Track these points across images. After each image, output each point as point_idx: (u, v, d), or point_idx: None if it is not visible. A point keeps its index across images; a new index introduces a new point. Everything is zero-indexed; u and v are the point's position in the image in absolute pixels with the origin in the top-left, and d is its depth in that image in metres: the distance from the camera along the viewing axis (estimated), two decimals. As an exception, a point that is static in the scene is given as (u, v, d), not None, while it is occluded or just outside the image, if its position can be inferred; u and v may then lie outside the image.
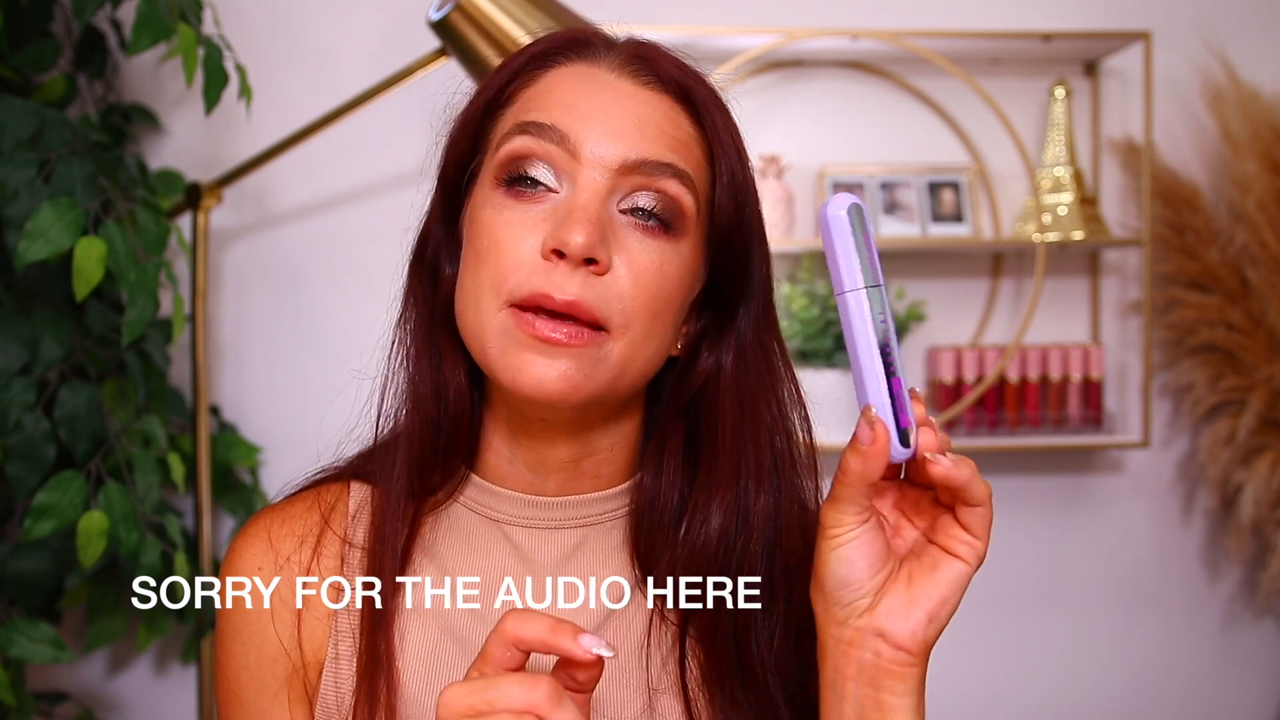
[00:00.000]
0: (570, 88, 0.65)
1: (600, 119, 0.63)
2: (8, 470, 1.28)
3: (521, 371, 0.62)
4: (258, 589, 0.69)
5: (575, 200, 0.62)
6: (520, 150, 0.64)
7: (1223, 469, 1.96)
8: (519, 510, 0.69)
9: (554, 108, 0.64)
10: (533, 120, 0.64)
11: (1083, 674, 2.05)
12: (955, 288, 2.01)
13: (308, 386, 1.85)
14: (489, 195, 0.65)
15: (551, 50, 0.67)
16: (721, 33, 1.82)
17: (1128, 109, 2.01)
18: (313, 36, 1.85)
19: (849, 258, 0.57)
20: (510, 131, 0.65)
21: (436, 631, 0.68)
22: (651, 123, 0.64)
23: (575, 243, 0.60)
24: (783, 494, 0.69)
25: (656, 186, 0.64)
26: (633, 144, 0.63)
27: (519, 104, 0.66)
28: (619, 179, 0.63)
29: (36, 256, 1.20)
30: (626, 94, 0.65)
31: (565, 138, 0.63)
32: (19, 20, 1.51)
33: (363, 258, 1.86)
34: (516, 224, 0.63)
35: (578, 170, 0.63)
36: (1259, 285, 1.93)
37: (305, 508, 0.72)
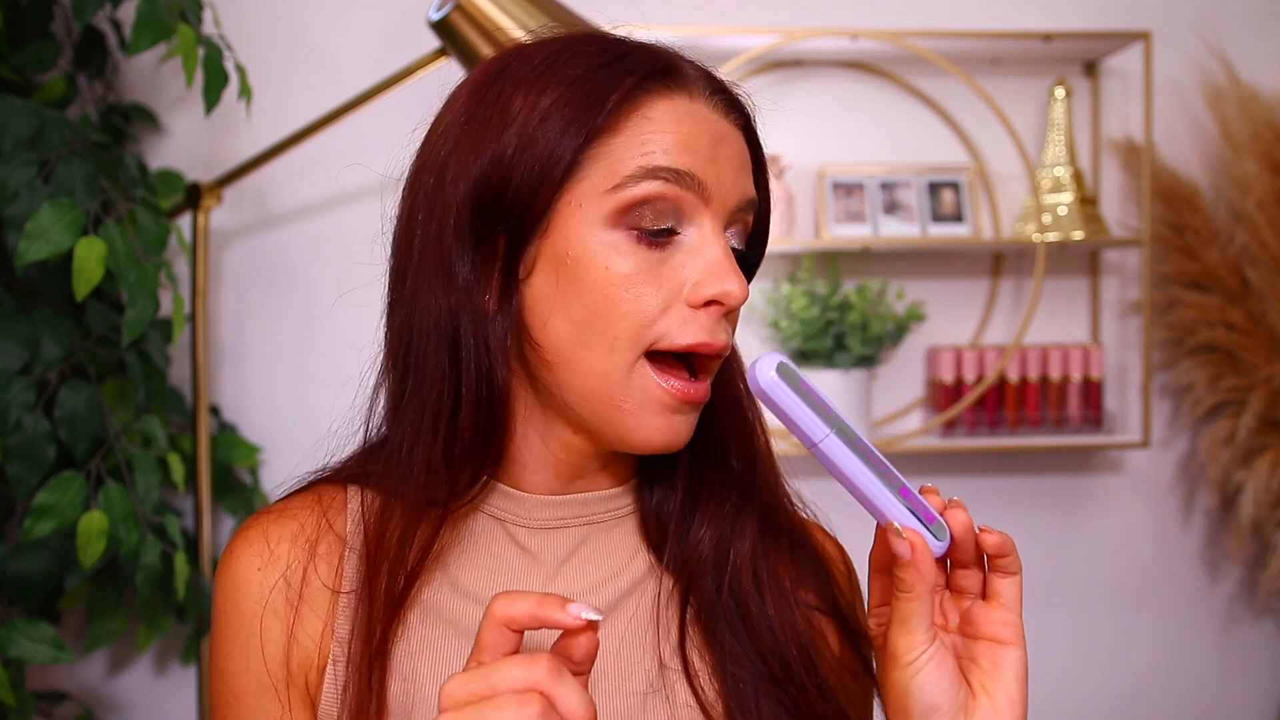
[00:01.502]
0: (687, 128, 0.64)
1: (723, 163, 0.65)
2: (8, 470, 1.28)
3: (662, 432, 0.64)
4: (258, 589, 0.68)
5: (716, 247, 0.64)
6: (654, 195, 0.62)
7: (1223, 469, 1.96)
8: (529, 511, 0.70)
9: (682, 151, 0.63)
10: (670, 167, 0.62)
11: (1083, 674, 2.05)
12: (955, 288, 2.01)
13: (308, 386, 1.85)
14: (606, 236, 0.63)
15: (648, 76, 0.64)
16: (721, 33, 1.82)
17: (1128, 109, 2.01)
18: (313, 36, 1.85)
19: (802, 415, 0.58)
20: (638, 175, 0.62)
21: (444, 634, 0.68)
22: (745, 159, 0.67)
23: (735, 296, 0.63)
24: (778, 484, 0.73)
25: (747, 220, 0.68)
26: (743, 186, 0.66)
27: (631, 137, 0.63)
28: (731, 217, 0.66)
29: (36, 256, 1.20)
30: (727, 131, 0.66)
31: (703, 186, 0.63)
32: (19, 20, 1.51)
33: (363, 258, 1.85)
34: (650, 274, 0.63)
35: (704, 215, 0.64)
36: (1259, 285, 1.93)
37: (304, 509, 0.71)
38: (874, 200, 1.92)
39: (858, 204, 1.91)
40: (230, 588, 0.69)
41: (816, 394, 0.58)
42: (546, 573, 0.69)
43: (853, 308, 1.86)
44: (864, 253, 1.94)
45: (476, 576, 0.69)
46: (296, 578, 0.68)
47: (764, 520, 0.71)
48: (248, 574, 0.69)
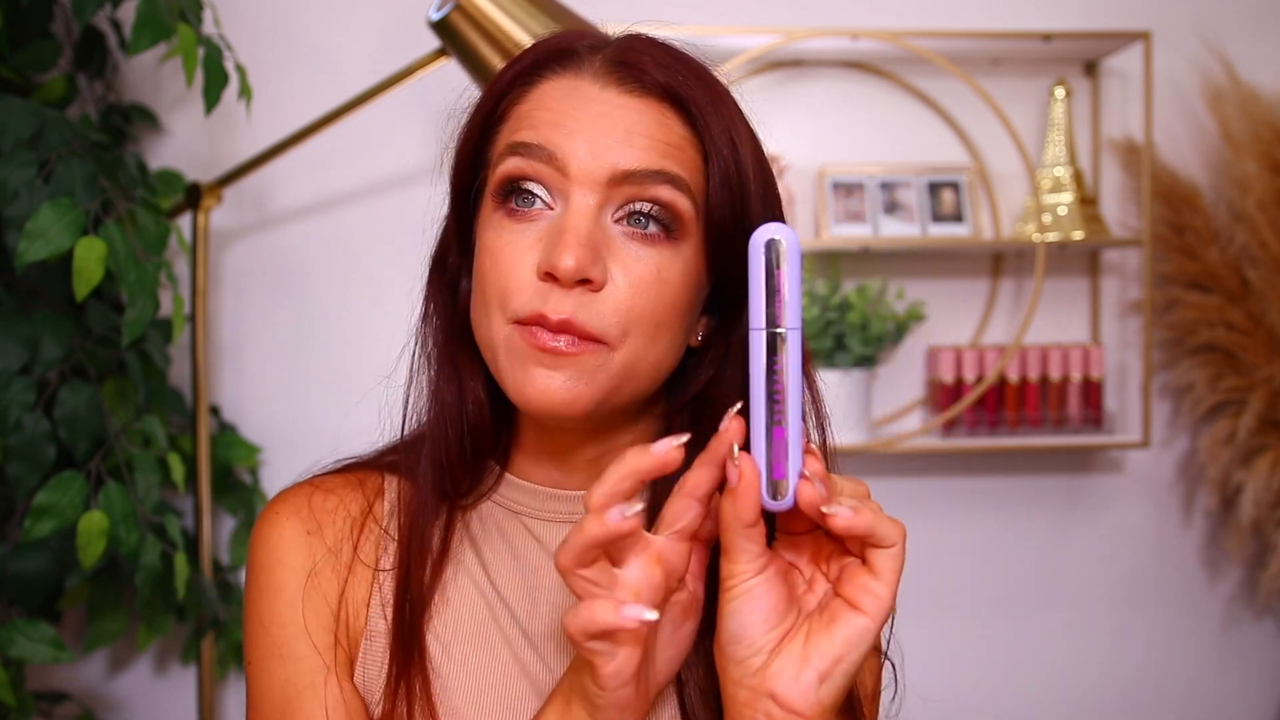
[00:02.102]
0: (556, 103, 0.65)
1: (586, 133, 0.64)
2: (8, 470, 1.28)
3: (527, 384, 0.64)
4: (306, 550, 0.70)
5: (566, 220, 0.63)
6: (512, 171, 0.65)
7: (1223, 469, 1.96)
8: (542, 504, 0.72)
9: (541, 125, 0.65)
10: (521, 140, 0.65)
11: (1083, 674, 2.05)
12: (955, 288, 2.01)
13: (308, 386, 1.85)
14: (490, 215, 0.67)
15: (538, 63, 0.68)
16: (721, 33, 1.82)
17: (1128, 109, 2.01)
18: (313, 36, 1.85)
19: (757, 294, 0.55)
20: (503, 152, 0.66)
21: (477, 618, 0.70)
22: (639, 131, 0.64)
23: (565, 265, 0.62)
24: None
25: (649, 195, 0.64)
26: (620, 155, 0.64)
27: (511, 121, 0.67)
28: (610, 191, 0.64)
29: (36, 256, 1.20)
30: (612, 104, 0.65)
31: (553, 156, 0.64)
32: (19, 20, 1.51)
33: (363, 258, 1.86)
34: (514, 244, 0.65)
35: (569, 187, 0.64)
36: (1259, 285, 1.93)
37: (345, 488, 0.74)
38: (874, 200, 1.92)
39: (857, 204, 1.91)
40: (276, 544, 0.71)
41: (783, 292, 0.55)
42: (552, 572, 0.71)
43: (853, 308, 1.86)
44: (864, 253, 1.94)
45: (499, 567, 0.72)
46: (342, 548, 0.71)
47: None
48: (296, 535, 0.71)
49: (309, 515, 0.72)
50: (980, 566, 2.02)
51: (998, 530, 2.02)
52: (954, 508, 2.01)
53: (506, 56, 1.36)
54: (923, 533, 2.00)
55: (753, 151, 0.68)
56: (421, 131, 1.85)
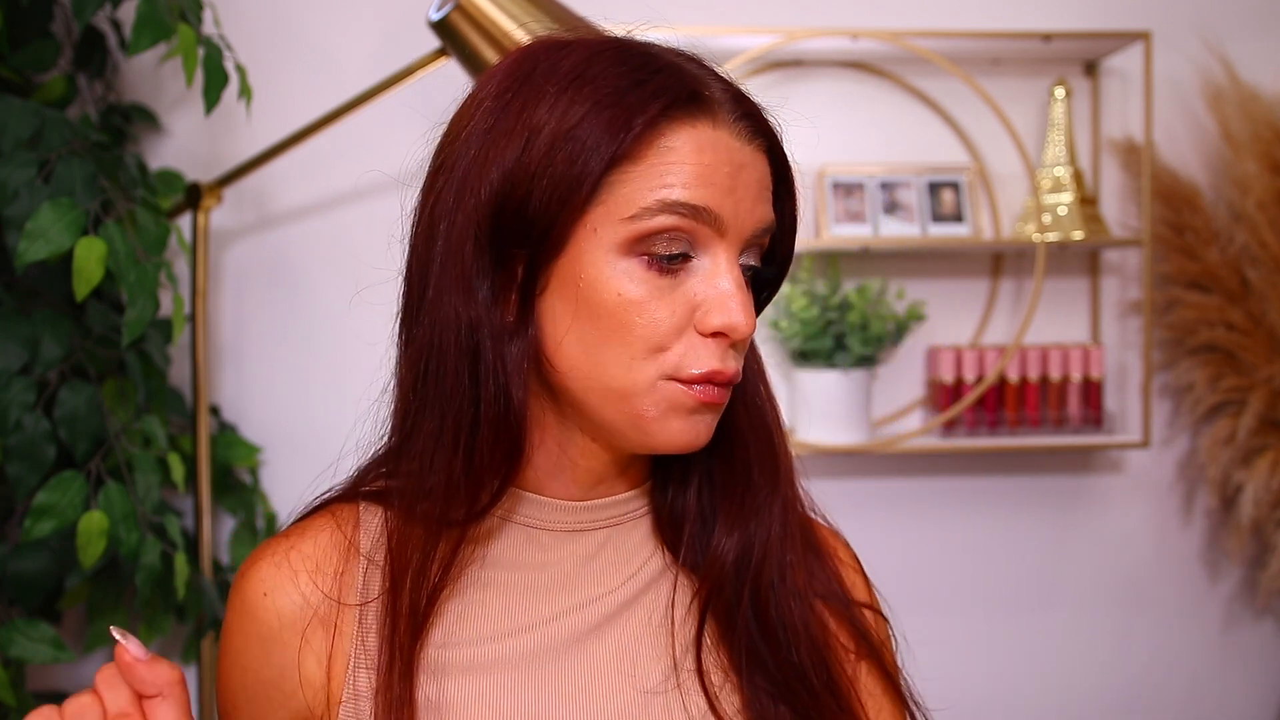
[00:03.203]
0: (708, 159, 0.64)
1: (741, 193, 0.65)
2: (8, 470, 1.28)
3: (683, 433, 0.66)
4: (266, 614, 0.69)
5: (729, 279, 0.64)
6: (668, 228, 0.63)
7: (1223, 469, 1.96)
8: (549, 515, 0.71)
9: (700, 185, 0.63)
10: (686, 203, 0.62)
11: (1083, 674, 2.05)
12: (955, 288, 2.01)
13: (308, 386, 1.85)
14: (619, 262, 0.63)
15: (673, 104, 0.63)
16: (721, 33, 1.82)
17: (1128, 109, 2.01)
18: (313, 36, 1.85)
19: None
20: (654, 208, 0.62)
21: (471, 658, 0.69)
22: (766, 185, 0.67)
23: (742, 329, 0.64)
24: (792, 486, 0.73)
25: (762, 244, 0.68)
26: (761, 213, 0.66)
27: (650, 166, 0.63)
28: (746, 244, 0.66)
29: (36, 256, 1.20)
30: (749, 160, 0.66)
31: (718, 220, 0.64)
32: (19, 20, 1.51)
33: (363, 258, 1.86)
34: (663, 299, 0.64)
35: (719, 245, 0.65)
36: (1259, 285, 1.93)
37: (323, 530, 0.71)
38: (874, 200, 1.92)
39: (857, 204, 1.91)
40: (239, 609, 0.70)
41: None
42: (567, 575, 0.70)
43: (853, 308, 1.86)
44: (864, 253, 1.94)
45: (512, 586, 0.70)
46: (311, 603, 0.69)
47: (782, 518, 0.72)
48: (255, 598, 0.69)
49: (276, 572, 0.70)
50: (980, 566, 2.02)
51: (998, 530, 2.02)
52: (954, 508, 2.01)
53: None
54: (923, 533, 2.00)
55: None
56: (421, 131, 1.85)
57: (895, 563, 1.97)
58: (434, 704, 0.66)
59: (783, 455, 0.73)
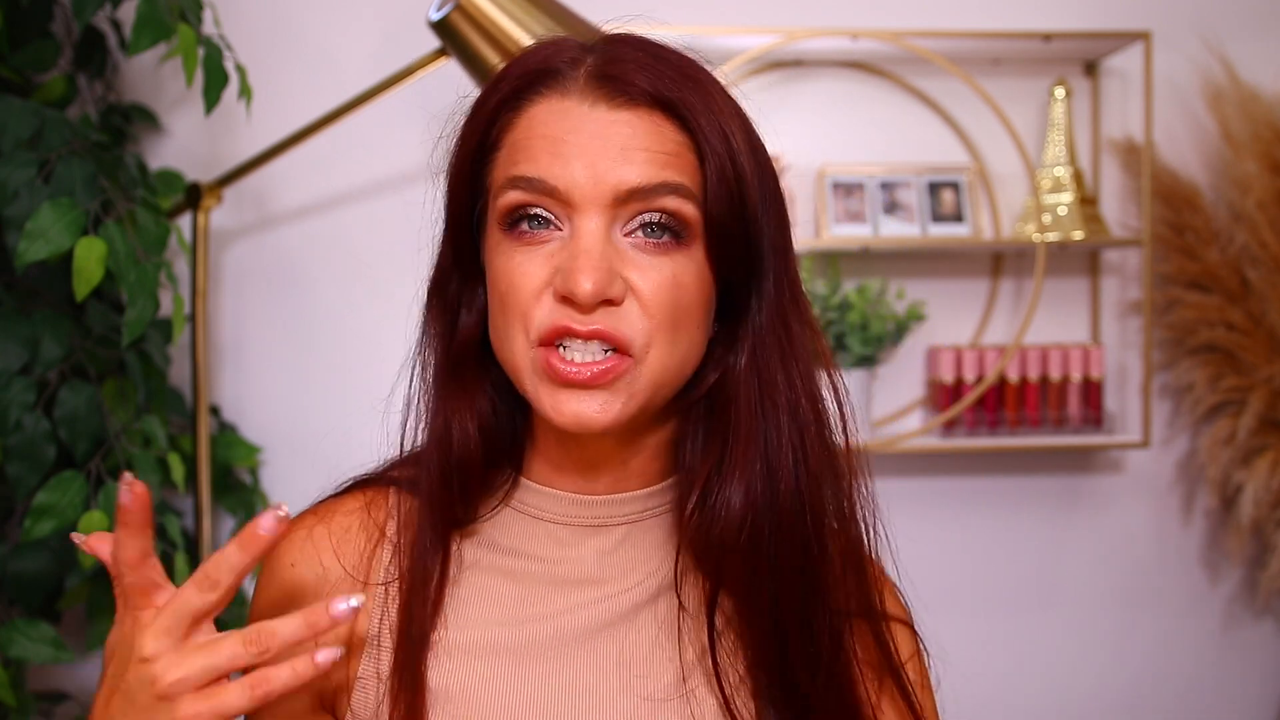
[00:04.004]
0: (548, 129, 0.65)
1: (583, 157, 0.64)
2: (8, 470, 1.28)
3: (559, 411, 0.65)
4: (290, 584, 0.71)
5: (577, 244, 0.63)
6: (515, 202, 0.65)
7: (1223, 469, 1.96)
8: (565, 509, 0.72)
9: (538, 156, 0.64)
10: (520, 174, 0.65)
11: (1083, 674, 2.05)
12: (955, 288, 2.01)
13: (308, 386, 1.85)
14: (498, 241, 0.67)
15: (522, 86, 0.67)
16: (721, 33, 1.82)
17: (1128, 109, 2.01)
18: (313, 36, 1.85)
19: None
20: (503, 185, 0.66)
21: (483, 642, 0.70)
22: (635, 145, 0.64)
23: (583, 290, 0.62)
24: (811, 461, 0.69)
25: (656, 206, 0.64)
26: (621, 174, 0.63)
27: (505, 149, 0.67)
28: (616, 209, 0.64)
29: (36, 256, 1.20)
30: (604, 122, 0.64)
31: (555, 189, 0.64)
32: (19, 20, 1.51)
33: (363, 258, 1.86)
34: (527, 266, 0.65)
35: (574, 212, 0.64)
36: (1259, 285, 1.93)
37: (353, 512, 0.74)
38: (874, 200, 1.92)
39: (857, 204, 1.91)
40: (267, 579, 0.73)
41: None
42: (582, 570, 0.71)
43: (853, 308, 1.86)
44: (864, 253, 1.94)
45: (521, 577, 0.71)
46: (333, 578, 0.71)
47: (800, 525, 0.68)
48: (283, 568, 0.72)
49: (304, 547, 0.72)
50: (980, 566, 2.02)
51: (998, 530, 2.02)
52: (954, 508, 2.01)
53: (506, 57, 1.36)
54: (923, 533, 2.00)
55: (748, 143, 0.67)
56: (421, 131, 1.84)
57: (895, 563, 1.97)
58: (443, 687, 0.68)
59: (798, 424, 0.68)
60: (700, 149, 0.65)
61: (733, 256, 0.67)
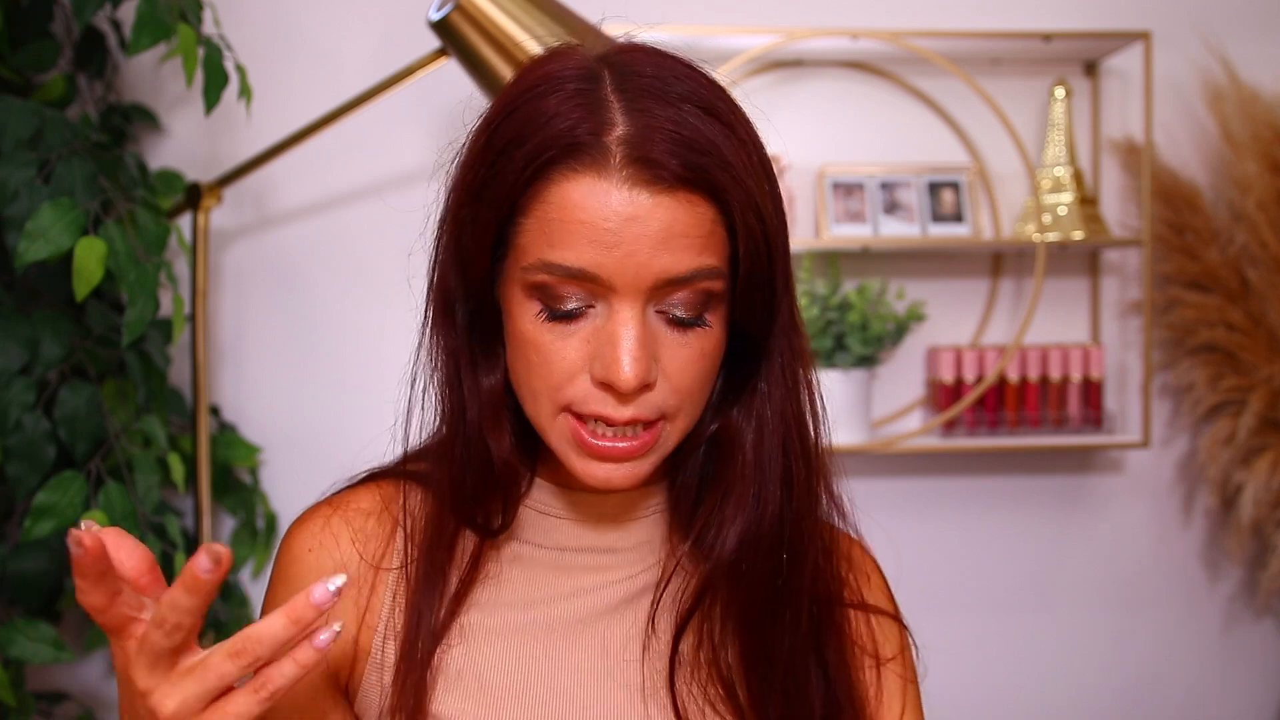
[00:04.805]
0: (586, 215, 0.61)
1: (625, 246, 0.61)
2: (8, 470, 1.28)
3: (590, 475, 0.67)
4: (308, 570, 0.72)
5: (617, 331, 0.63)
6: (550, 284, 0.63)
7: (1223, 469, 1.96)
8: (571, 504, 0.74)
9: (577, 244, 0.62)
10: (558, 262, 0.62)
11: (1083, 674, 2.05)
12: (955, 288, 2.01)
13: (308, 386, 1.85)
14: (526, 301, 0.65)
15: (554, 157, 0.63)
16: (721, 33, 1.82)
17: (1128, 109, 2.01)
18: (313, 36, 1.85)
19: None
20: (536, 265, 0.63)
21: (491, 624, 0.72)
22: (676, 233, 0.62)
23: (627, 383, 0.62)
24: (796, 495, 0.71)
25: (689, 289, 0.64)
26: (662, 262, 0.62)
27: (536, 221, 0.63)
28: (653, 294, 0.63)
29: (36, 256, 1.20)
30: (644, 210, 0.61)
31: (598, 279, 0.62)
32: (19, 20, 1.51)
33: (363, 258, 1.86)
34: (561, 345, 0.65)
35: (612, 296, 0.63)
36: (1259, 285, 1.93)
37: (367, 502, 0.75)
38: (874, 200, 1.92)
39: (858, 204, 1.91)
40: (285, 563, 0.74)
41: None
42: (578, 562, 0.73)
43: (853, 308, 1.86)
44: (864, 253, 1.93)
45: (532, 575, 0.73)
46: (349, 565, 0.72)
47: (785, 521, 0.70)
48: (300, 553, 0.73)
49: (321, 534, 0.73)
50: (980, 566, 2.02)
51: (998, 530, 2.02)
52: (954, 508, 2.01)
53: (506, 57, 1.36)
54: (923, 533, 2.00)
55: (768, 188, 0.66)
56: (421, 131, 1.85)
57: (895, 563, 1.96)
58: (448, 666, 0.70)
59: (795, 458, 0.70)
60: (732, 225, 0.64)
61: (757, 315, 0.68)
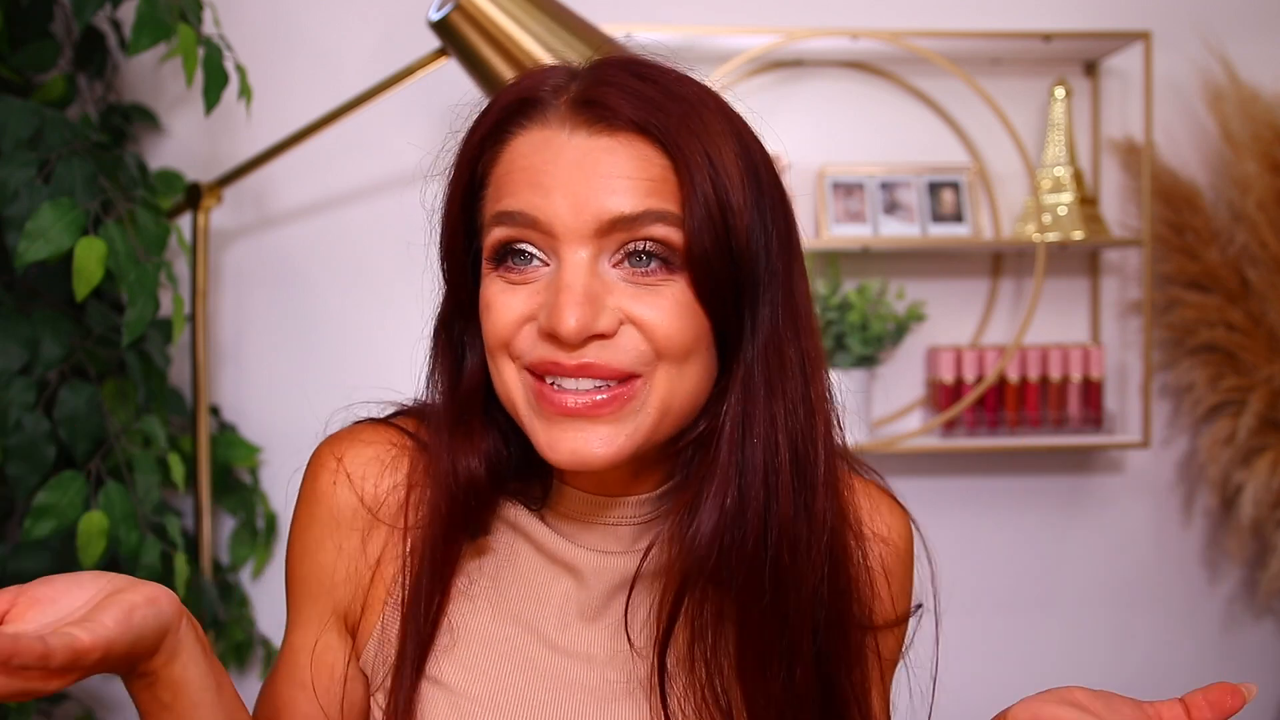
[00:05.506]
0: (529, 161, 0.63)
1: (564, 187, 0.61)
2: (8, 470, 1.28)
3: (554, 448, 0.63)
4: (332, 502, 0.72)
5: (561, 279, 0.62)
6: (501, 239, 0.64)
7: (1223, 469, 1.96)
8: (583, 508, 0.73)
9: (520, 189, 0.63)
10: (504, 210, 0.64)
11: (1083, 674, 2.05)
12: (955, 288, 2.01)
13: (308, 386, 1.84)
14: (490, 279, 0.66)
15: (505, 118, 0.66)
16: (721, 33, 1.82)
17: (1128, 109, 2.01)
18: (313, 36, 1.85)
19: None
20: (490, 222, 0.65)
21: (494, 615, 0.72)
22: (617, 173, 0.62)
23: (566, 328, 0.60)
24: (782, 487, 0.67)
25: (640, 235, 0.62)
26: (603, 202, 0.61)
27: (491, 186, 0.66)
28: (601, 240, 0.62)
29: (36, 256, 1.20)
30: (585, 149, 0.62)
31: (537, 220, 0.62)
32: (19, 20, 1.51)
33: (363, 258, 1.86)
34: (508, 296, 0.64)
35: (558, 245, 0.62)
36: (1259, 285, 1.93)
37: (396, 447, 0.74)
38: (874, 200, 1.92)
39: (857, 204, 1.91)
40: (309, 494, 0.73)
41: None
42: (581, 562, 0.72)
43: (853, 308, 1.86)
44: (864, 253, 1.94)
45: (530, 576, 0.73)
46: (371, 507, 0.72)
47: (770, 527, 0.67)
48: (326, 486, 0.72)
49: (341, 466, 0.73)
50: (980, 566, 2.02)
51: (998, 530, 2.02)
52: (954, 508, 2.01)
53: (506, 57, 1.36)
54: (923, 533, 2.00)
55: (742, 164, 0.64)
56: (421, 131, 1.85)
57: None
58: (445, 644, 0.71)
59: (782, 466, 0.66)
60: (680, 174, 0.62)
61: (719, 287, 0.63)
